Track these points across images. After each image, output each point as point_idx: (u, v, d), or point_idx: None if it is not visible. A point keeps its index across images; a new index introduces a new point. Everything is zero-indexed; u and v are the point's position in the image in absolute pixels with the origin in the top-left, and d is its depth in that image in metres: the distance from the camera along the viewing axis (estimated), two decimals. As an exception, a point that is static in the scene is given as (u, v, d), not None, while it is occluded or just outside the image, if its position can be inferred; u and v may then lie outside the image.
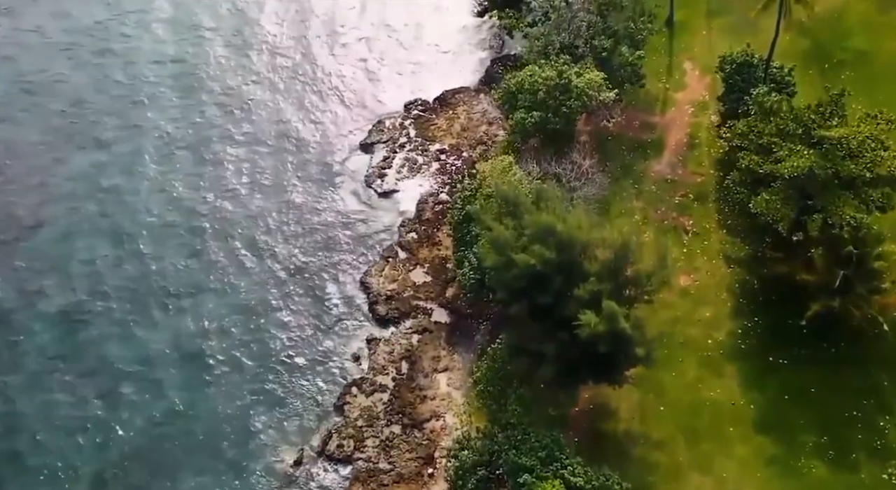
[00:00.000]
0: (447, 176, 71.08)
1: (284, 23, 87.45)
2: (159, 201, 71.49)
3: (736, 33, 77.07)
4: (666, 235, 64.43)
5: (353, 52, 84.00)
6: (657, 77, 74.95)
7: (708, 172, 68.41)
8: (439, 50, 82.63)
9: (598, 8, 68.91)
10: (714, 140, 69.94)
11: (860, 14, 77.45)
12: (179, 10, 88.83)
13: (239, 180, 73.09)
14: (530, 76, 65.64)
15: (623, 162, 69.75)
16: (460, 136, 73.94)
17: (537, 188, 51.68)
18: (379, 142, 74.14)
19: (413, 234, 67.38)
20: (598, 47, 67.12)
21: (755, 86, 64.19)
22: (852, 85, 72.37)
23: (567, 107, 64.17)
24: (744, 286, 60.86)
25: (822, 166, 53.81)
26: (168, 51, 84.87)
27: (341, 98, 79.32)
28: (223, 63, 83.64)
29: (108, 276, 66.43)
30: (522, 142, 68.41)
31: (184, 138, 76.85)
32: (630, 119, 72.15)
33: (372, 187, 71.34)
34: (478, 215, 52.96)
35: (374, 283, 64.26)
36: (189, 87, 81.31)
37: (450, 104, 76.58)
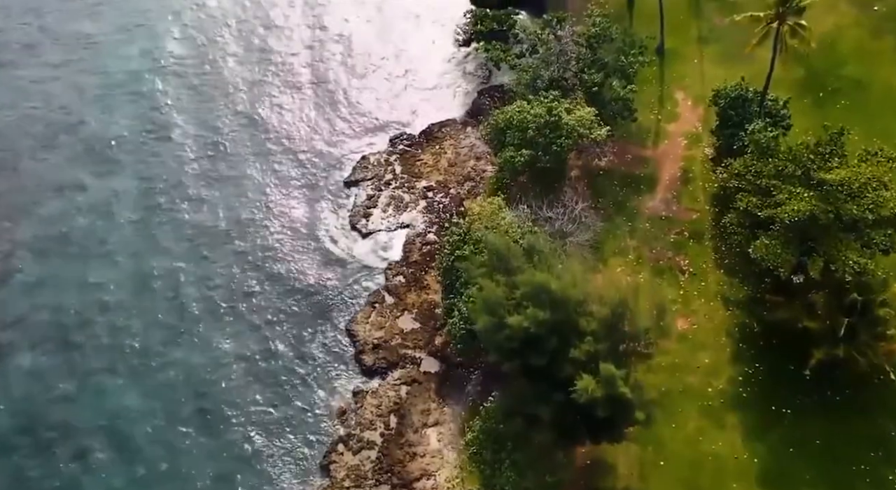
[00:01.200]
0: (435, 214, 68.75)
1: (262, 56, 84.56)
2: (133, 247, 68.76)
3: (728, 61, 75.43)
4: (662, 276, 62.44)
5: (335, 84, 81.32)
6: (649, 108, 72.98)
7: (703, 208, 66.42)
8: (425, 81, 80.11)
9: (586, 40, 66.93)
10: (708, 174, 67.98)
11: (853, 40, 75.92)
12: (145, 57, 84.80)
13: (216, 223, 70.32)
14: (519, 112, 63.54)
15: (616, 198, 67.68)
16: (447, 171, 71.63)
17: (529, 240, 49.45)
18: (364, 179, 71.69)
19: (400, 277, 65.00)
20: (587, 81, 65.12)
21: (750, 120, 62.38)
22: (848, 114, 71.34)
23: (557, 145, 62.09)
24: (743, 330, 58.82)
25: (823, 210, 51.91)
26: (138, 91, 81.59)
27: (323, 133, 76.62)
28: (196, 99, 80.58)
29: (78, 328, 63.63)
30: (512, 179, 66.30)
31: (160, 178, 74.10)
32: (622, 152, 70.13)
33: (357, 228, 68.80)
34: (468, 271, 50.67)
35: (360, 330, 61.80)
36: (163, 130, 77.96)
37: (436, 138, 74.29)
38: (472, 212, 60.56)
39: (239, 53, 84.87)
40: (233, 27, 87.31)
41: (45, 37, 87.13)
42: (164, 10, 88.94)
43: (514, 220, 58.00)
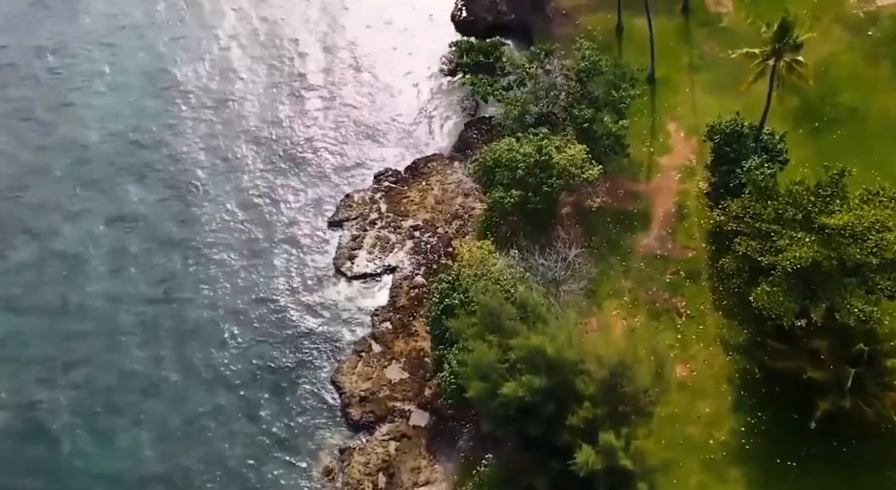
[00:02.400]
0: (422, 255, 66.33)
1: (245, 88, 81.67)
2: (110, 296, 65.83)
3: (720, 90, 73.44)
4: (658, 320, 60.30)
5: (317, 118, 78.31)
6: (640, 140, 70.89)
7: (699, 246, 64.33)
8: (410, 113, 77.62)
9: (576, 74, 64.80)
10: (703, 209, 65.94)
11: (848, 66, 74.15)
12: (118, 93, 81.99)
13: (194, 268, 67.42)
14: (508, 151, 61.34)
15: (609, 236, 65.48)
16: (435, 209, 69.24)
17: (522, 295, 47.15)
18: (348, 218, 69.10)
19: (387, 323, 62.51)
20: (578, 117, 62.98)
21: (746, 157, 60.36)
22: (845, 145, 69.59)
23: (548, 185, 59.95)
24: (744, 376, 56.66)
25: (825, 256, 49.90)
26: (115, 131, 78.41)
27: (305, 171, 73.81)
28: (169, 137, 77.40)
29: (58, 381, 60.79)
30: (501, 218, 64.04)
31: (136, 219, 71.22)
32: (614, 187, 67.92)
33: (341, 271, 66.18)
34: (458, 330, 48.29)
35: (346, 382, 59.24)
36: (137, 170, 74.94)
37: (422, 174, 71.89)
38: (462, 257, 58.28)
39: (217, 88, 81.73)
40: (210, 62, 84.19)
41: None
42: (135, 45, 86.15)
43: (505, 267, 55.69)
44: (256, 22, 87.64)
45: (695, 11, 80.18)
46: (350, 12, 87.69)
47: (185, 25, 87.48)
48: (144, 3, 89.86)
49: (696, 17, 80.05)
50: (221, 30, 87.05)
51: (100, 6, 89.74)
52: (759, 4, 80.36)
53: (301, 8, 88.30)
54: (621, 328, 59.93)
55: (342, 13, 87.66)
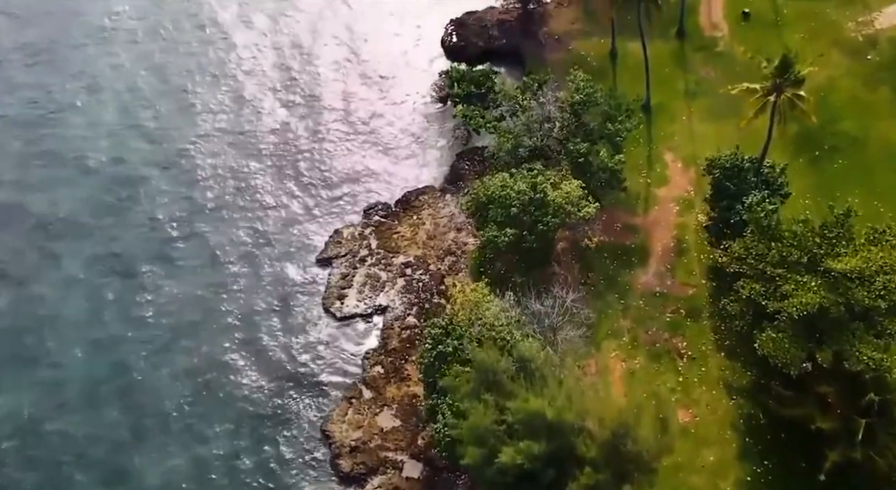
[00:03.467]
0: (414, 295, 64.15)
1: (229, 119, 79.17)
2: (87, 341, 63.23)
3: (718, 117, 71.80)
4: (659, 361, 58.31)
5: (304, 150, 75.80)
6: (637, 170, 68.99)
7: (699, 282, 62.43)
8: (400, 143, 75.51)
9: (570, 106, 62.87)
10: (703, 244, 64.11)
11: (847, 92, 72.55)
12: (94, 128, 78.82)
13: (174, 312, 64.73)
14: (501, 187, 59.29)
15: (606, 273, 63.53)
16: (426, 245, 67.12)
17: (519, 350, 45.04)
18: (337, 256, 66.82)
19: (378, 367, 60.30)
20: (573, 151, 61.01)
21: (747, 192, 58.53)
22: (846, 174, 67.89)
23: (543, 224, 57.91)
24: (749, 422, 54.73)
25: (833, 301, 48.04)
26: (89, 169, 75.62)
27: (293, 206, 71.43)
28: (152, 169, 74.92)
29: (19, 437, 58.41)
30: (495, 256, 61.96)
31: (116, 258, 68.50)
32: (611, 220, 66.01)
33: (331, 312, 63.84)
34: (452, 389, 46.16)
35: (336, 431, 56.95)
36: (119, 207, 72.41)
37: (413, 207, 69.76)
38: (455, 300, 56.17)
39: (201, 120, 79.12)
40: (196, 94, 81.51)
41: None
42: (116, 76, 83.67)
43: (500, 312, 53.59)
44: (239, 50, 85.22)
45: (690, 35, 78.61)
46: (338, 37, 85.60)
47: (157, 70, 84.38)
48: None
49: (691, 40, 78.50)
50: (197, 60, 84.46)
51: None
52: (755, 28, 79.13)
53: (283, 39, 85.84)
54: (621, 371, 58.02)
55: (330, 39, 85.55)
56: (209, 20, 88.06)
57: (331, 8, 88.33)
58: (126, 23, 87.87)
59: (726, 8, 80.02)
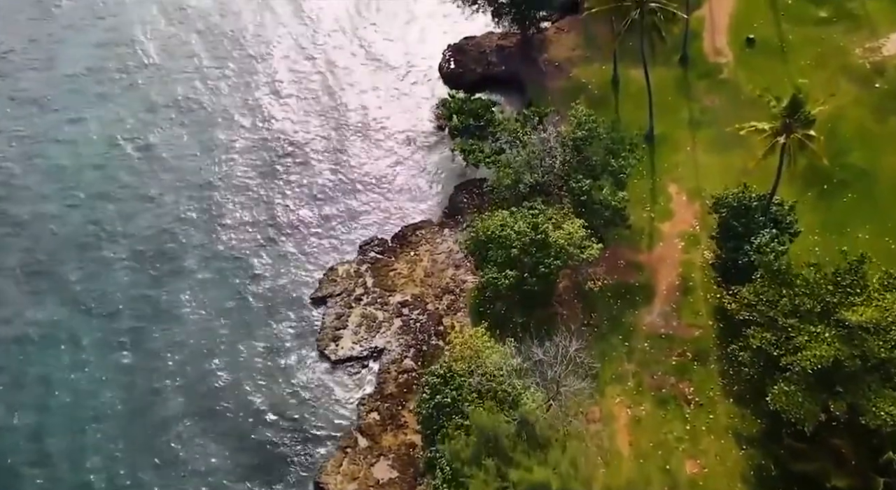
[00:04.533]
0: (411, 336, 62.05)
1: (221, 149, 76.78)
2: (72, 387, 60.94)
3: (723, 148, 69.95)
4: (665, 408, 56.20)
5: (298, 182, 73.35)
6: (640, 203, 67.05)
7: (706, 323, 60.39)
8: (396, 175, 73.29)
9: (572, 141, 60.92)
10: (709, 282, 62.11)
11: (856, 122, 70.59)
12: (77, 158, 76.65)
13: (162, 352, 62.41)
14: (501, 227, 57.35)
15: (610, 313, 61.49)
16: (424, 283, 65.04)
17: (522, 412, 43.02)
18: (332, 295, 64.64)
19: (374, 413, 58.12)
20: (575, 189, 59.07)
21: (755, 231, 56.67)
22: (856, 209, 65.88)
23: (545, 265, 55.96)
24: (760, 473, 52.57)
25: (848, 354, 46.11)
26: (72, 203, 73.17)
27: (285, 243, 68.97)
28: (136, 206, 72.36)
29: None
30: (495, 296, 59.88)
31: (102, 299, 65.86)
32: (614, 257, 64.00)
33: (325, 354, 61.59)
34: (451, 456, 44.09)
35: (330, 483, 54.60)
36: (103, 244, 69.73)
37: (410, 243, 67.68)
38: (454, 346, 54.14)
39: (189, 153, 76.49)
40: (181, 125, 79.03)
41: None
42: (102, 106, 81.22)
43: (501, 360, 51.57)
44: (232, 79, 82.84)
45: (694, 61, 76.70)
46: (332, 63, 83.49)
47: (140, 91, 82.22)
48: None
49: (695, 67, 76.57)
50: (183, 89, 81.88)
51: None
52: (760, 55, 77.28)
53: (275, 68, 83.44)
54: (626, 418, 55.97)
55: (323, 65, 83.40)
56: (198, 53, 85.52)
57: (325, 33, 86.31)
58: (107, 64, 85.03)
59: (730, 34, 78.16)
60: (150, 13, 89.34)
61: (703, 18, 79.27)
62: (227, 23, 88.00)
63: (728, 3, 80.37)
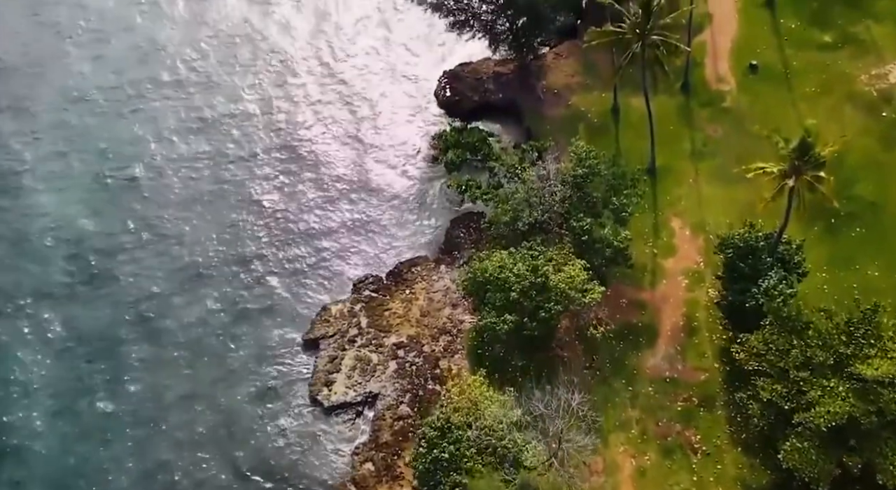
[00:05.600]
0: (407, 380, 59.92)
1: (211, 183, 74.35)
2: (60, 432, 58.90)
3: (726, 180, 67.83)
4: (671, 458, 54.22)
5: (290, 218, 70.83)
6: (642, 238, 65.00)
7: (712, 366, 58.37)
8: (391, 209, 71.14)
9: (572, 178, 58.92)
10: (715, 322, 60.19)
11: (863, 151, 68.59)
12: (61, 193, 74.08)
13: (148, 401, 60.24)
14: (500, 268, 55.34)
15: (612, 355, 59.45)
16: (420, 323, 62.95)
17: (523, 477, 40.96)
18: (325, 336, 62.42)
19: (369, 464, 55.97)
20: (576, 228, 57.08)
21: (762, 272, 54.66)
22: (864, 244, 63.78)
23: (545, 310, 53.95)
24: (771, 528, 50.88)
25: (863, 410, 44.14)
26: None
27: (278, 279, 66.75)
28: (134, 243, 69.98)
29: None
30: (494, 340, 57.81)
31: (91, 338, 63.83)
32: (616, 296, 61.93)
33: (317, 400, 59.40)
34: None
35: (323, 541, 52.89)
36: (95, 276, 67.73)
37: (406, 280, 65.60)
38: (452, 396, 52.05)
39: (179, 184, 74.26)
40: (167, 160, 76.50)
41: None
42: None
43: (500, 412, 49.50)
44: (216, 110, 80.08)
45: (696, 89, 74.65)
46: (325, 93, 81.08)
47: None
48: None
49: (697, 95, 74.51)
50: (166, 121, 79.27)
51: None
52: (764, 81, 75.22)
53: (265, 97, 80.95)
54: (630, 469, 53.96)
55: (315, 96, 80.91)
56: (180, 82, 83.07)
57: (315, 61, 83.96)
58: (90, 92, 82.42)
59: (733, 59, 76.16)
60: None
61: (705, 43, 77.31)
62: (215, 52, 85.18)
63: (730, 28, 78.46)
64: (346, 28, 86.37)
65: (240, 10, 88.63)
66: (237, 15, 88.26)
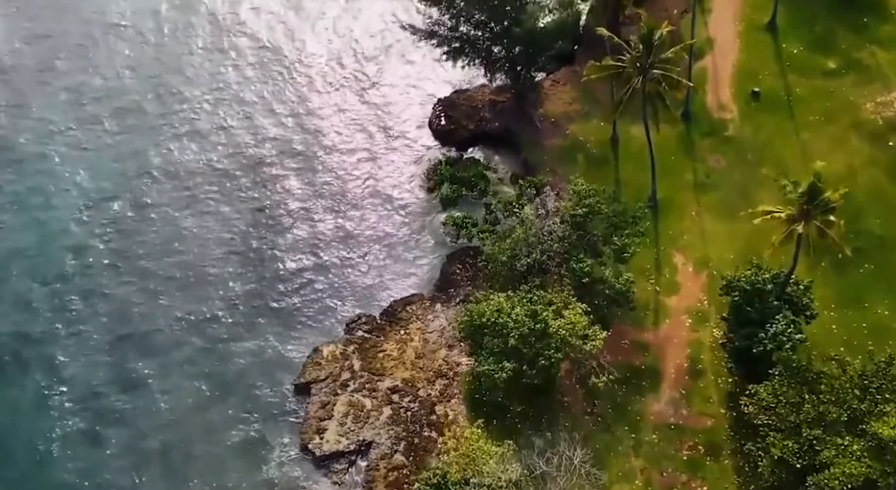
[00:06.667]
0: (402, 426, 57.62)
1: (195, 222, 71.50)
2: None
3: (730, 213, 65.91)
4: (677, 511, 52.37)
5: (280, 252, 68.28)
6: (644, 275, 62.93)
7: (718, 412, 56.31)
8: (384, 243, 68.69)
9: (571, 218, 56.93)
10: (720, 365, 58.16)
11: (870, 183, 66.77)
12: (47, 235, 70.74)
13: (132, 451, 57.74)
14: (497, 312, 53.29)
15: (614, 400, 57.32)
16: (415, 365, 60.73)
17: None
18: (316, 380, 60.08)
19: (363, 518, 54.04)
20: (577, 270, 55.04)
21: (769, 316, 52.68)
22: (874, 281, 61.76)
23: (545, 358, 51.87)
24: None
25: (881, 471, 42.16)
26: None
27: (267, 320, 64.24)
28: (116, 282, 67.22)
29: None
30: (491, 389, 55.60)
31: (67, 385, 61.08)
32: (618, 336, 59.76)
33: (309, 449, 56.99)
34: None
35: None
36: (73, 318, 65.01)
37: (400, 320, 63.32)
38: (449, 450, 49.98)
39: (168, 218, 71.74)
40: (157, 187, 74.22)
41: None
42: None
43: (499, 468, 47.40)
44: (207, 140, 77.48)
45: (697, 117, 72.70)
46: (315, 121, 78.78)
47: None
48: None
49: (698, 123, 72.56)
50: (147, 159, 76.27)
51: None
52: (766, 109, 73.26)
53: (257, 126, 78.56)
54: None
55: (306, 122, 78.74)
56: (164, 114, 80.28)
57: (307, 86, 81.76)
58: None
59: (734, 86, 74.28)
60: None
61: (706, 69, 75.44)
62: (202, 81, 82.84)
63: (731, 52, 76.63)
64: (336, 55, 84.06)
65: (220, 38, 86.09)
66: (219, 43, 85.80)
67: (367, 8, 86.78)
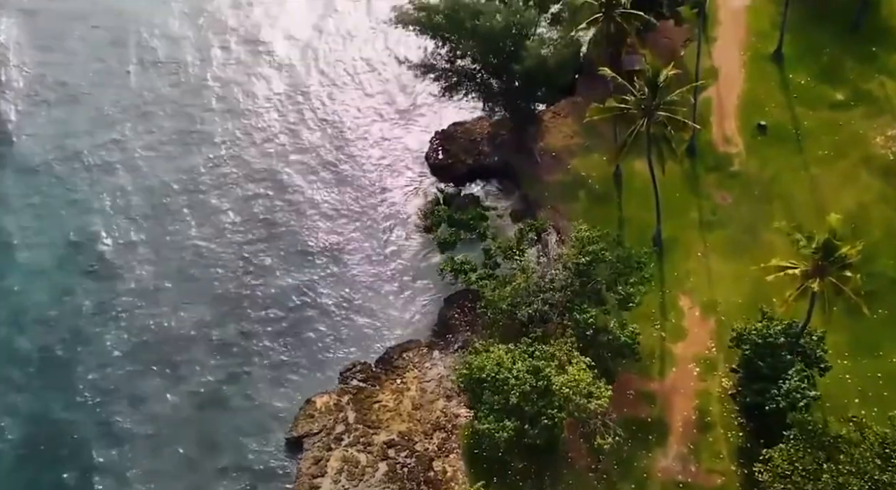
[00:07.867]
0: (398, 484, 55.10)
1: (184, 260, 69.35)
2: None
3: (737, 252, 63.83)
4: None
5: (272, 296, 65.98)
6: (649, 320, 60.61)
7: (728, 468, 53.98)
8: (379, 286, 66.42)
9: (574, 265, 54.68)
10: (730, 417, 55.86)
11: (882, 222, 64.50)
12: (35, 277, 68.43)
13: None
14: (497, 366, 50.98)
15: (620, 455, 54.95)
16: (412, 417, 58.35)
17: None
18: (309, 434, 57.68)
19: None
20: (580, 321, 52.77)
21: (782, 370, 50.39)
22: (888, 326, 59.47)
23: (548, 417, 49.56)
24: None
25: (904, 549, 39.98)
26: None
27: (258, 368, 61.97)
28: (101, 331, 64.91)
29: None
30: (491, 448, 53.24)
31: (48, 432, 59.06)
32: (623, 387, 57.40)
33: (302, 509, 55.28)
34: None
35: None
36: (58, 364, 62.85)
37: (396, 368, 60.98)
38: (446, 516, 47.69)
39: (156, 258, 69.61)
40: (156, 225, 72.02)
41: None
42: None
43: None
44: (193, 177, 75.14)
45: (702, 151, 70.35)
46: (309, 152, 76.66)
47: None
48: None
49: (703, 158, 70.21)
50: (128, 200, 73.85)
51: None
52: (773, 143, 71.06)
53: (245, 158, 76.34)
54: None
55: (299, 156, 76.45)
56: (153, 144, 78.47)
57: (301, 119, 79.34)
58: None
59: (740, 119, 71.95)
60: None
61: (711, 101, 73.17)
62: (192, 110, 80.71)
63: (736, 84, 74.33)
64: (332, 87, 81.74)
65: (209, 69, 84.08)
66: (208, 73, 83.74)
67: (369, 40, 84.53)
